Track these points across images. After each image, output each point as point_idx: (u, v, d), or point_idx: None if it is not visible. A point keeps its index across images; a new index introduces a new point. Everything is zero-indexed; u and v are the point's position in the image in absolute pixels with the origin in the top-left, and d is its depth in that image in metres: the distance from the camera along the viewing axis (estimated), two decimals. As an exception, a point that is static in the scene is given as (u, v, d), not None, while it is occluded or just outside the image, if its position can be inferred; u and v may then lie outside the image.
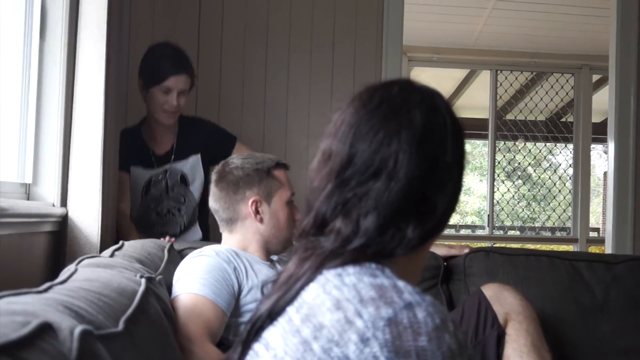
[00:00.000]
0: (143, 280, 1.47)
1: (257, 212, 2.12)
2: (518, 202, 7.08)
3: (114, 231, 2.63)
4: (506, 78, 6.36)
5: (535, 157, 7.68)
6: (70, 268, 1.45)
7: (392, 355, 0.90)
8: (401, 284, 0.99)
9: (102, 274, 1.39)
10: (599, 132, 6.35)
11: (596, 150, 11.81)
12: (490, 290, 2.16)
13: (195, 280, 1.89)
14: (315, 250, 1.08)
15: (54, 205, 2.42)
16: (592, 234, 8.34)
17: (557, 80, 6.35)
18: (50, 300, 1.05)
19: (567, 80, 6.32)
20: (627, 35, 3.90)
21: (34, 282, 2.20)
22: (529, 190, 7.50)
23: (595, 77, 6.29)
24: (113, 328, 1.09)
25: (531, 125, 6.84)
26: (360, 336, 0.92)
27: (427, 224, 1.07)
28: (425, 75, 6.39)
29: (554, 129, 6.84)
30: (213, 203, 2.17)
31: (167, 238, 2.52)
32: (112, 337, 1.05)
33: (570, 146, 6.47)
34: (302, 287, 1.05)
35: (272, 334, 1.04)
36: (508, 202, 6.82)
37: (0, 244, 1.92)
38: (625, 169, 3.83)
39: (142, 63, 2.88)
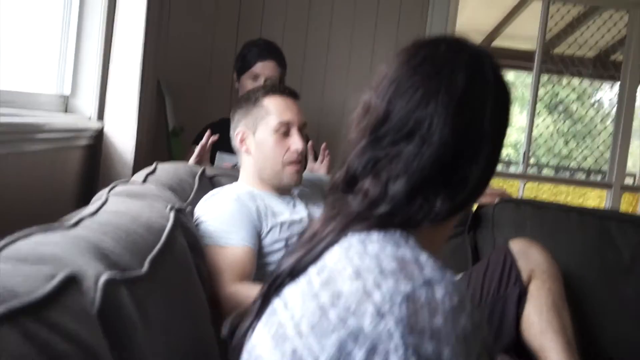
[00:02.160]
0: (172, 214, 1.48)
1: (244, 144, 2.10)
2: (557, 138, 6.96)
3: (148, 150, 2.65)
4: (558, 10, 6.13)
5: (579, 95, 7.52)
6: (102, 195, 1.46)
7: (406, 331, 0.90)
8: (423, 257, 0.98)
9: (131, 206, 1.41)
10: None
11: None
12: (517, 245, 2.15)
13: (223, 227, 1.91)
14: (342, 210, 1.07)
15: (90, 119, 2.44)
16: (628, 181, 8.22)
17: (610, 17, 6.13)
18: (78, 239, 1.06)
19: (622, 17, 6.09)
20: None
21: (68, 196, 2.26)
22: (568, 128, 7.37)
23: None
24: (137, 270, 1.10)
25: (578, 62, 6.64)
26: (377, 309, 0.92)
27: (457, 196, 1.05)
28: (474, 3, 6.22)
29: (602, 67, 6.67)
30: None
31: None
32: (136, 280, 1.06)
33: (617, 86, 6.29)
34: (325, 248, 1.05)
35: (292, 292, 1.05)
36: (546, 139, 6.72)
37: (37, 158, 1.94)
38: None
39: (236, 57, 2.95)
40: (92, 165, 2.45)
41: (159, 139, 3.20)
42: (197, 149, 2.47)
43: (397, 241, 1.01)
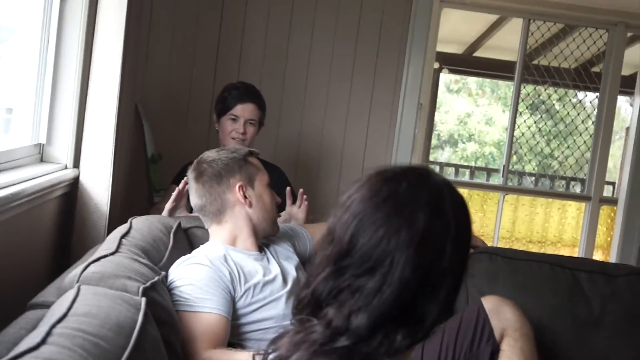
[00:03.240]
0: (143, 302, 1.50)
1: (244, 196, 2.15)
2: (539, 138, 6.95)
3: (123, 200, 2.66)
4: (538, 28, 6.17)
5: (560, 97, 7.54)
6: (73, 280, 1.47)
7: None
8: None
9: (102, 302, 1.41)
10: (626, 85, 6.26)
11: (622, 102, 11.56)
12: (490, 303, 2.16)
13: (197, 295, 1.92)
14: (307, 338, 1.10)
15: (66, 167, 2.43)
16: (607, 190, 8.28)
17: (590, 35, 6.16)
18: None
19: (601, 36, 6.12)
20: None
21: (43, 252, 2.26)
22: (550, 128, 7.34)
23: (630, 34, 6.10)
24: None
25: (558, 73, 6.65)
26: None
27: (417, 333, 1.08)
28: (455, 16, 6.23)
29: (582, 78, 6.70)
30: (197, 200, 2.18)
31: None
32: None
33: (596, 96, 6.31)
34: None
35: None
36: (528, 141, 6.72)
37: (10, 226, 1.94)
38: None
39: (216, 100, 2.97)
40: (68, 214, 2.45)
41: (137, 166, 3.20)
42: (174, 195, 2.48)
43: None
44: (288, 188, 2.64)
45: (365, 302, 1.06)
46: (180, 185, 2.47)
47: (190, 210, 2.58)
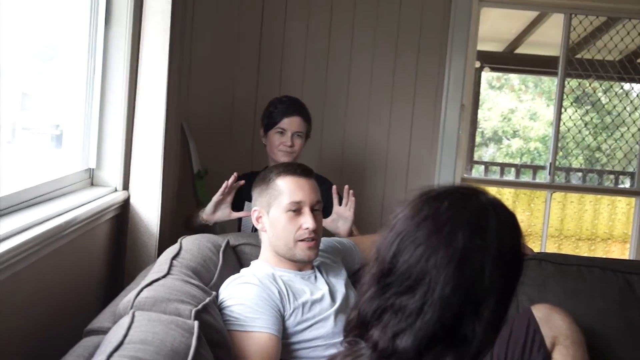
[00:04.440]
0: (195, 326, 1.53)
1: (259, 222, 2.18)
2: (585, 132, 6.84)
3: (173, 220, 2.70)
4: (580, 22, 6.08)
5: (606, 90, 7.42)
6: (126, 317, 1.51)
7: None
8: None
9: (157, 329, 1.45)
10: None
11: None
12: (540, 312, 2.16)
13: (248, 314, 1.95)
14: None
15: (116, 190, 2.49)
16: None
17: (634, 27, 6.06)
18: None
19: (645, 27, 6.01)
20: None
21: (97, 272, 2.31)
22: (597, 122, 7.22)
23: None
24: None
25: (602, 66, 6.54)
26: None
27: (464, 356, 1.08)
28: (495, 15, 6.19)
29: (628, 69, 6.58)
30: None
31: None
32: None
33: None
34: None
35: None
36: (574, 136, 6.62)
37: (65, 251, 1.99)
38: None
39: (263, 114, 2.99)
40: (119, 236, 2.51)
41: (184, 182, 3.25)
42: (221, 188, 2.52)
43: None
44: (334, 187, 2.64)
45: (409, 323, 1.07)
46: (230, 180, 2.51)
47: (234, 207, 2.63)
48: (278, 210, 2.13)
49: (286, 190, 2.14)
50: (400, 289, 1.10)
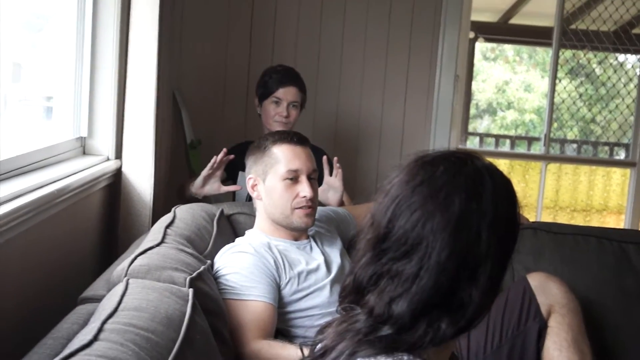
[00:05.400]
0: (190, 293, 1.52)
1: (255, 190, 2.16)
2: (580, 103, 6.81)
3: (166, 189, 2.68)
4: (576, -10, 6.01)
5: (601, 60, 7.38)
6: (120, 285, 1.49)
7: None
8: None
9: (151, 296, 1.44)
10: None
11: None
12: (535, 280, 2.15)
13: (243, 282, 1.94)
14: (351, 325, 1.11)
15: (108, 159, 2.47)
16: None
17: (630, -8, 6.01)
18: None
19: (641, -8, 5.96)
20: None
21: (90, 240, 2.30)
22: (591, 93, 7.19)
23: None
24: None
25: (597, 36, 6.50)
26: None
27: (460, 320, 1.07)
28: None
29: (623, 40, 6.54)
30: None
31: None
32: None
33: (638, 58, 6.15)
34: None
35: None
36: (569, 107, 6.59)
37: (57, 219, 1.97)
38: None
39: (257, 84, 2.96)
40: (112, 205, 2.49)
41: (177, 152, 3.23)
42: (210, 163, 2.49)
43: None
44: (324, 157, 2.60)
45: (405, 288, 1.06)
46: (220, 155, 2.49)
47: (224, 180, 2.61)
48: (275, 178, 2.11)
49: (283, 158, 2.12)
50: (396, 254, 1.08)
